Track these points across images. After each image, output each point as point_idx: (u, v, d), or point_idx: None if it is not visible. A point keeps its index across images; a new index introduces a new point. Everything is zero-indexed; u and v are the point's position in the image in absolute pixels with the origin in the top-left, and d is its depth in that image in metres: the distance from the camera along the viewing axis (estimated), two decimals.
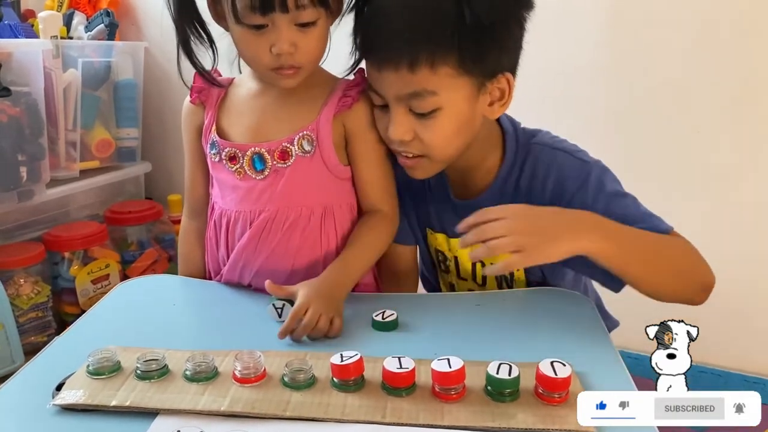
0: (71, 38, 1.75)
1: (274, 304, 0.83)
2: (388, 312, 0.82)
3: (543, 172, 0.90)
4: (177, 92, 1.94)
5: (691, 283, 0.84)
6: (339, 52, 0.88)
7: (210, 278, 0.99)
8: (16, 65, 1.47)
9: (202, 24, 0.86)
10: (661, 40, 1.38)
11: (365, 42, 0.85)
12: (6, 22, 1.56)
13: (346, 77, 0.92)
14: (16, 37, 1.58)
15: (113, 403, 0.65)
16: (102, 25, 1.73)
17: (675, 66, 1.38)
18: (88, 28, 1.76)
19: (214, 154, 0.91)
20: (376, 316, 0.82)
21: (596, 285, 1.02)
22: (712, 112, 1.38)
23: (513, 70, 0.85)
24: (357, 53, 0.87)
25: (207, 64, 0.90)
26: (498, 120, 0.92)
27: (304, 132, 0.87)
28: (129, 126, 1.83)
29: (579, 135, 0.96)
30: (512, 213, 0.79)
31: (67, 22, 1.78)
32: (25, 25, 1.66)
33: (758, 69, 1.32)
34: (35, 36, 1.62)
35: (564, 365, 0.64)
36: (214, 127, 0.91)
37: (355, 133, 0.90)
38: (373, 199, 0.93)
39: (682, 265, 0.83)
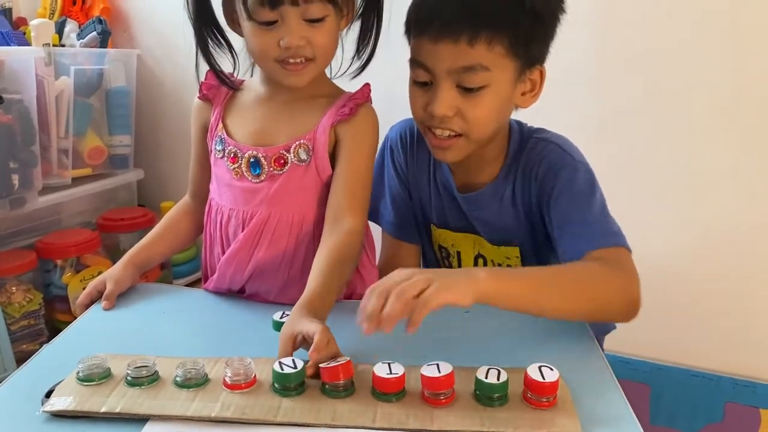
0: (63, 46, 1.75)
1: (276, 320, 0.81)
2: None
3: (534, 162, 0.94)
4: (169, 99, 1.96)
5: (606, 307, 0.82)
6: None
7: (207, 277, 0.99)
8: (8, 73, 1.47)
9: (219, 29, 0.88)
10: (655, 41, 1.38)
11: (422, 14, 0.87)
12: None
13: (352, 77, 0.93)
14: (8, 44, 1.57)
15: (103, 409, 0.65)
16: (94, 33, 1.73)
17: (670, 67, 1.38)
18: (80, 36, 1.76)
19: (219, 150, 0.93)
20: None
21: None
22: (708, 113, 1.37)
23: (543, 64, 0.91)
24: (372, 44, 0.90)
25: (226, 68, 0.93)
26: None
27: (301, 141, 0.88)
28: (121, 133, 1.83)
29: (574, 138, 0.97)
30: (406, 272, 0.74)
31: (60, 29, 1.78)
32: (17, 33, 1.66)
33: (754, 69, 1.32)
34: (27, 44, 1.61)
35: (551, 370, 0.65)
36: (221, 125, 0.93)
37: (346, 140, 0.89)
38: (344, 205, 0.87)
39: (594, 293, 0.80)
